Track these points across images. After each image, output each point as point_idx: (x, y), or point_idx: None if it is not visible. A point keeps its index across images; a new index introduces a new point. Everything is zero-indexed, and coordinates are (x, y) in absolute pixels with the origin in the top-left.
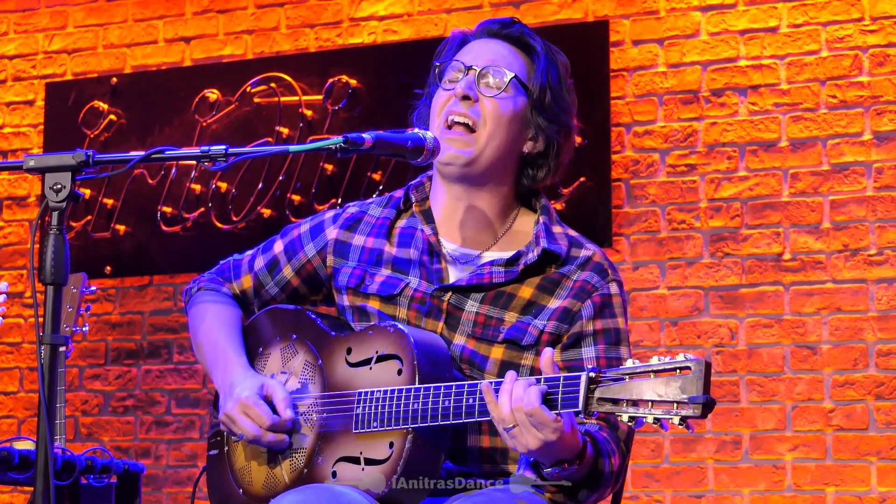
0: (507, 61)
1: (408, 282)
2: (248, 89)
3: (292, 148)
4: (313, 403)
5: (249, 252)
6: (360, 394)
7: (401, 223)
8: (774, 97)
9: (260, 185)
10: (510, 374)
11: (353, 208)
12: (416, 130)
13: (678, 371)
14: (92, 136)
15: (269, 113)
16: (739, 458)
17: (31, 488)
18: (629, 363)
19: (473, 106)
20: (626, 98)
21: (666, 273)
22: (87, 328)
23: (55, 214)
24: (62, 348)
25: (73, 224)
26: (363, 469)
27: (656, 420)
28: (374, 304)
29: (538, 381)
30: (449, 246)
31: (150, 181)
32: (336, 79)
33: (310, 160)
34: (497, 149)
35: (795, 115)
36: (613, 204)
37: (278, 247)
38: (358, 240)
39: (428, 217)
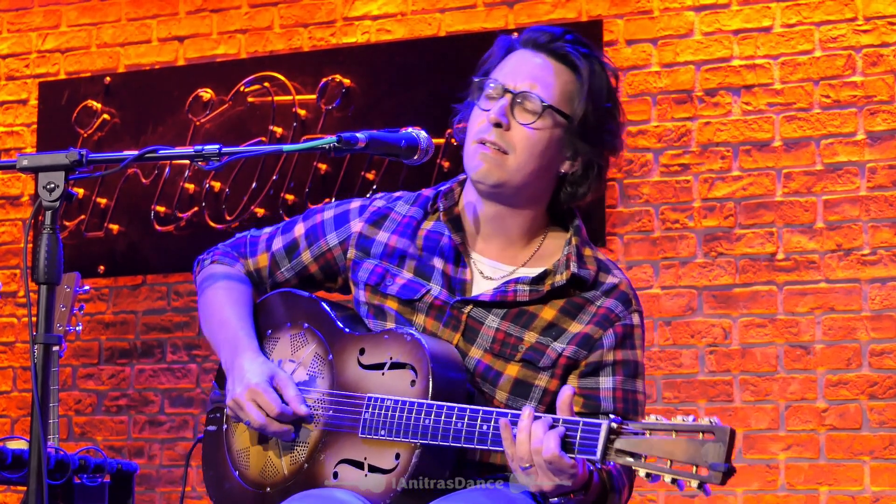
0: (546, 85)
1: (429, 288)
2: (241, 89)
3: (286, 147)
4: (320, 399)
5: (268, 229)
6: (370, 398)
7: (428, 225)
8: (768, 97)
9: (254, 185)
10: (527, 410)
11: (379, 202)
12: (410, 130)
13: (701, 434)
14: (85, 135)
15: (262, 112)
16: (733, 457)
17: (25, 488)
18: (651, 418)
19: (505, 134)
20: (619, 98)
21: (659, 272)
22: (81, 327)
23: (48, 214)
24: (55, 348)
25: (67, 223)
26: (366, 475)
27: (674, 480)
28: (391, 305)
29: (556, 421)
30: (477, 258)
31: (143, 180)
32: (330, 78)
33: (303, 160)
34: (528, 175)
35: (789, 114)
36: (607, 203)
37: (299, 230)
38: (382, 236)
39: (457, 225)
